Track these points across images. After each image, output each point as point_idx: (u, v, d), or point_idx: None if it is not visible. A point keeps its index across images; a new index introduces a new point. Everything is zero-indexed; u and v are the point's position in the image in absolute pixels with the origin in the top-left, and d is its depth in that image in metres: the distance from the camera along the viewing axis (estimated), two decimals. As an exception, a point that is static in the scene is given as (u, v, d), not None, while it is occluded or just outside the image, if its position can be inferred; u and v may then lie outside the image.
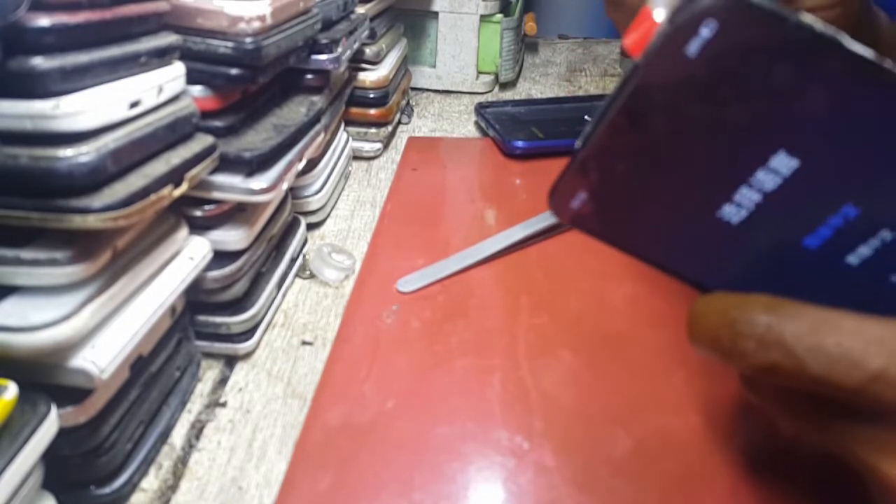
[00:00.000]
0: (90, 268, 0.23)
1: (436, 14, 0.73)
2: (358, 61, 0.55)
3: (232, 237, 0.32)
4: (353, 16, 0.49)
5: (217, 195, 0.32)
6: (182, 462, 0.29)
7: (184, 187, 0.26)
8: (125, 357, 0.24)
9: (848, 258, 0.16)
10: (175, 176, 0.25)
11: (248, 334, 0.34)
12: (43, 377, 0.23)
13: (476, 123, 0.66)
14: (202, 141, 0.28)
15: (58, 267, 0.22)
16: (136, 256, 0.26)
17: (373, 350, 0.34)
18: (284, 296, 0.39)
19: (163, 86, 0.26)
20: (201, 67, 0.30)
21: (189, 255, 0.29)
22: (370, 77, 0.55)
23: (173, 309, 0.29)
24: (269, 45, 0.32)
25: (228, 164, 0.31)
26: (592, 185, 0.16)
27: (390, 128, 0.59)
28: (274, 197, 0.33)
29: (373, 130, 0.57)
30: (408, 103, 0.68)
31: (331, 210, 0.49)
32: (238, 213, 0.33)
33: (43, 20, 0.20)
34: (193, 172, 0.27)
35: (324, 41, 0.41)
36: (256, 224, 0.34)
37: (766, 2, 0.14)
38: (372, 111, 0.56)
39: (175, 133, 0.26)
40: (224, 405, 0.32)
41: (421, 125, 0.66)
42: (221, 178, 0.31)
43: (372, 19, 0.55)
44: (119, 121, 0.23)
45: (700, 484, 0.27)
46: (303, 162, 0.37)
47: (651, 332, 0.36)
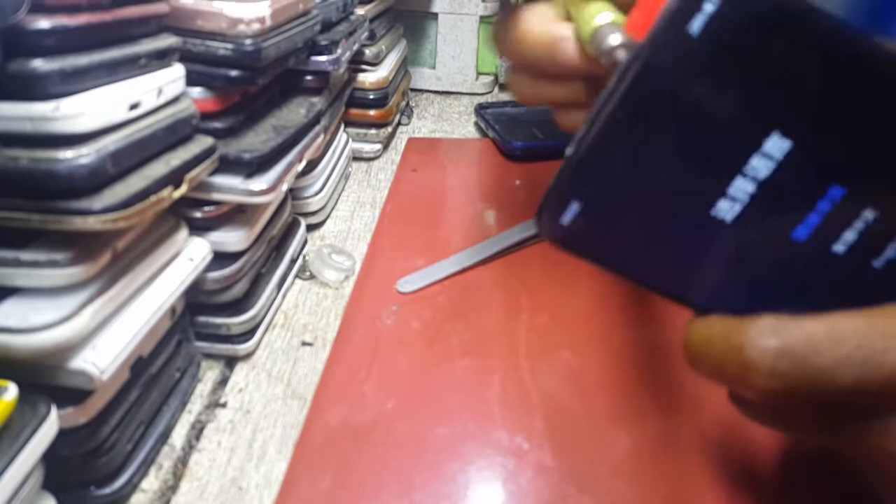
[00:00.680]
0: (90, 269, 0.23)
1: (435, 15, 0.73)
2: (357, 62, 0.55)
3: (232, 238, 0.32)
4: (353, 17, 0.49)
5: (217, 196, 0.32)
6: (182, 462, 0.29)
7: (184, 189, 0.26)
8: (125, 358, 0.24)
9: (835, 247, 0.16)
10: (175, 177, 0.25)
11: (248, 335, 0.34)
12: (43, 378, 0.23)
13: (476, 124, 0.66)
14: (202, 142, 0.28)
15: (58, 268, 0.22)
16: (136, 258, 0.26)
17: (373, 350, 0.34)
18: (284, 297, 0.39)
19: (163, 87, 0.26)
20: (201, 69, 0.30)
21: (189, 257, 0.29)
22: (370, 78, 0.55)
23: (173, 310, 0.29)
24: (269, 47, 0.32)
25: (228, 166, 0.31)
26: (587, 194, 0.16)
27: (390, 129, 0.59)
28: (274, 198, 0.33)
29: (372, 131, 0.57)
30: (407, 104, 0.68)
31: (331, 211, 0.49)
32: (238, 215, 0.33)
33: (43, 22, 0.20)
34: (193, 174, 0.27)
35: (323, 42, 0.41)
36: (256, 225, 0.34)
37: None
38: (371, 112, 0.56)
39: (175, 135, 0.26)
40: (224, 406, 0.32)
41: (421, 126, 0.66)
42: (221, 180, 0.31)
43: (371, 20, 0.55)
44: (119, 122, 0.23)
45: (700, 484, 0.27)
46: (303, 163, 0.38)
47: (651, 332, 0.36)
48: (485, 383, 0.32)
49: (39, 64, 0.20)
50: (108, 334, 0.24)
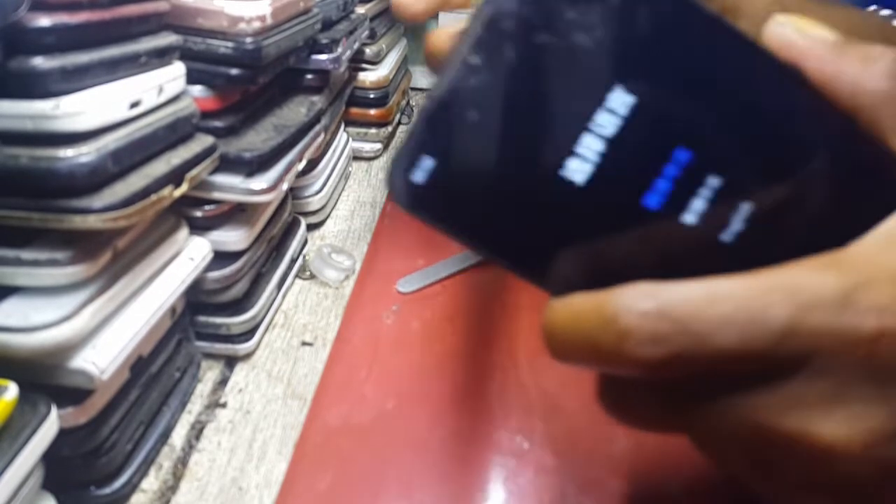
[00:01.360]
0: (90, 268, 0.23)
1: (436, 14, 0.73)
2: (358, 61, 0.55)
3: (232, 238, 0.32)
4: (353, 16, 0.49)
5: (217, 195, 0.32)
6: (182, 463, 0.29)
7: (184, 188, 0.26)
8: (125, 358, 0.24)
9: (685, 216, 0.15)
10: (175, 176, 0.25)
11: (249, 335, 0.34)
12: (43, 378, 0.23)
13: (476, 124, 0.66)
14: (202, 141, 0.28)
15: (58, 267, 0.22)
16: (137, 257, 0.26)
17: (373, 350, 0.34)
18: (284, 296, 0.39)
19: (163, 86, 0.26)
20: (201, 67, 0.30)
21: (189, 256, 0.29)
22: (370, 77, 0.55)
23: (173, 309, 0.29)
24: (270, 46, 0.32)
25: (229, 165, 0.31)
26: (440, 148, 0.15)
27: (390, 128, 0.59)
28: (274, 197, 0.33)
29: (373, 131, 0.57)
30: (408, 103, 0.68)
31: (331, 210, 0.49)
32: (238, 214, 0.33)
33: (43, 20, 0.20)
34: (194, 173, 0.27)
35: (324, 41, 0.41)
36: (257, 224, 0.34)
37: None
38: (372, 111, 0.56)
39: (175, 133, 0.26)
40: (224, 406, 0.32)
41: (421, 125, 0.66)
42: (222, 179, 0.31)
43: (372, 19, 0.55)
44: (119, 121, 0.23)
45: (700, 484, 0.27)
46: (303, 162, 0.37)
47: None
48: (485, 383, 0.32)
49: (40, 62, 0.20)
50: (109, 334, 0.24)
